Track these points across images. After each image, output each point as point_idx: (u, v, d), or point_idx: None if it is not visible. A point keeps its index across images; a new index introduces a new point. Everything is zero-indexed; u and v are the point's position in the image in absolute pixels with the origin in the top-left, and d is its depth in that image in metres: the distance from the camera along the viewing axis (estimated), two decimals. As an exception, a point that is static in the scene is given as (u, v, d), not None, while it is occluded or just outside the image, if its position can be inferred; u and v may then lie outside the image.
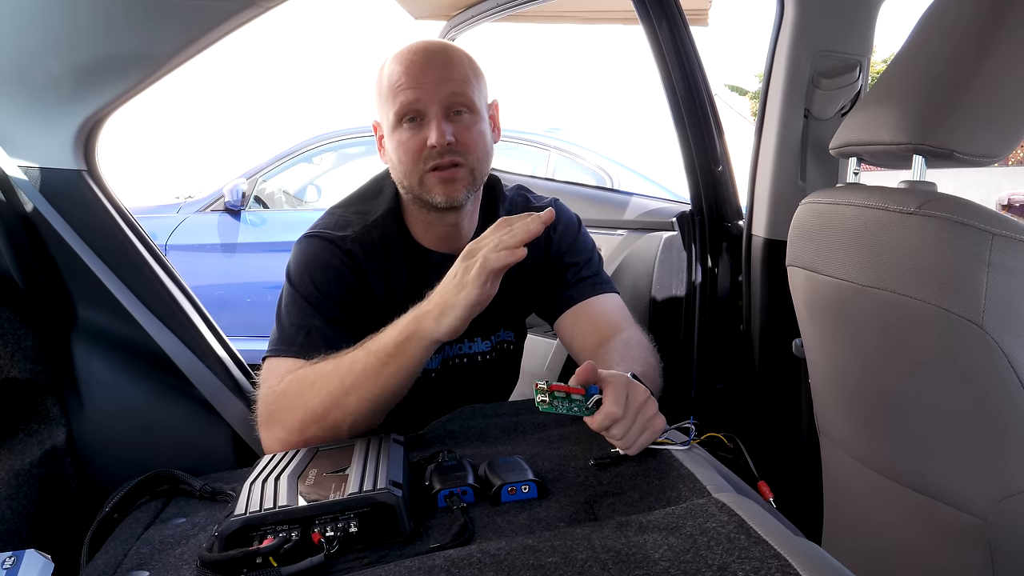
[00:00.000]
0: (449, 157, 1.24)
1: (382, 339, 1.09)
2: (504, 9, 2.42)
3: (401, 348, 1.07)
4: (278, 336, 1.25)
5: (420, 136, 1.24)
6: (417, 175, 1.26)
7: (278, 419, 1.13)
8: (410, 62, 1.25)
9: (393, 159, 1.30)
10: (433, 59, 1.26)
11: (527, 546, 0.76)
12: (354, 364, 1.09)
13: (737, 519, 0.77)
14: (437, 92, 1.23)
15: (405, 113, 1.25)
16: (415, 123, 1.25)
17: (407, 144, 1.25)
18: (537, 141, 4.65)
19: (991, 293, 0.97)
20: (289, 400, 1.13)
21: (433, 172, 1.25)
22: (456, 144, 1.24)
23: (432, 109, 1.23)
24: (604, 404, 0.95)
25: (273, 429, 1.13)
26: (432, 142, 1.23)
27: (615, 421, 0.95)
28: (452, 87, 1.24)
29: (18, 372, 1.21)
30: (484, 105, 1.32)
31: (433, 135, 1.22)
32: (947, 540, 1.16)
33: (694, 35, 1.90)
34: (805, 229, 1.31)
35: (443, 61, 1.26)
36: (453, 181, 1.26)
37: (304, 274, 1.27)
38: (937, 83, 1.06)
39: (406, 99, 1.24)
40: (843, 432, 1.36)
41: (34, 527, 1.15)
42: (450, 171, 1.25)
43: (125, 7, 1.13)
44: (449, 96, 1.24)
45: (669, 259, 2.09)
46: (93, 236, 1.33)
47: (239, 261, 4.20)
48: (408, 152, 1.26)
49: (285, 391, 1.14)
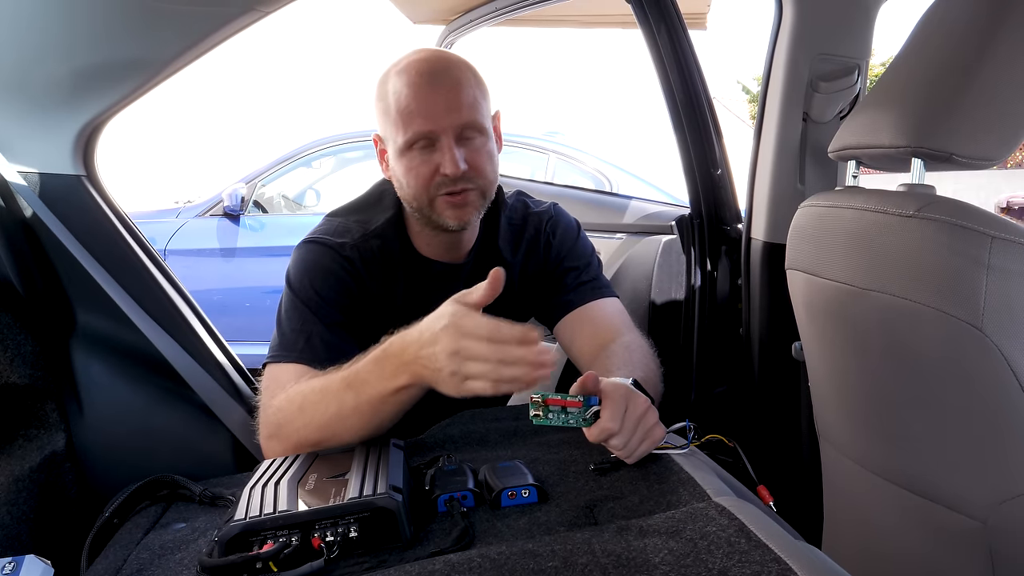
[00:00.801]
0: (462, 184, 1.23)
1: (371, 385, 1.03)
2: (502, 13, 2.42)
3: (393, 397, 1.03)
4: (278, 342, 1.24)
5: (431, 162, 1.22)
6: (427, 199, 1.25)
7: (275, 435, 1.12)
8: (418, 86, 1.21)
9: (401, 181, 1.27)
10: (442, 81, 1.21)
11: (527, 550, 0.76)
12: (343, 404, 1.05)
13: (737, 523, 0.77)
14: (449, 119, 1.20)
15: (416, 140, 1.21)
16: (425, 149, 1.22)
17: (418, 170, 1.23)
18: (536, 145, 4.66)
19: (990, 296, 0.97)
20: (284, 420, 1.11)
21: (444, 197, 1.24)
22: (469, 170, 1.23)
23: (444, 138, 1.21)
24: (601, 419, 0.95)
25: (272, 443, 1.13)
26: (446, 171, 1.20)
27: (611, 436, 0.95)
28: (465, 115, 1.21)
29: (17, 377, 1.20)
30: (491, 122, 1.29)
31: (448, 165, 1.20)
32: (947, 543, 1.15)
33: (692, 39, 1.90)
34: (804, 232, 1.31)
35: (452, 83, 1.22)
36: (464, 206, 1.25)
37: (304, 279, 1.27)
38: (936, 86, 1.06)
39: (419, 127, 1.20)
40: (843, 435, 1.36)
41: (34, 532, 1.15)
42: (462, 196, 1.24)
43: (124, 12, 1.13)
44: (461, 125, 1.21)
45: (668, 263, 2.09)
46: (92, 241, 1.33)
47: (238, 265, 4.20)
48: (419, 178, 1.23)
49: (281, 409, 1.12)
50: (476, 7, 2.49)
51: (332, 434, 1.06)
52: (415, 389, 1.02)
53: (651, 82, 1.96)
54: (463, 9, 2.55)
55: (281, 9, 1.12)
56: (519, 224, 1.45)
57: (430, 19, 2.73)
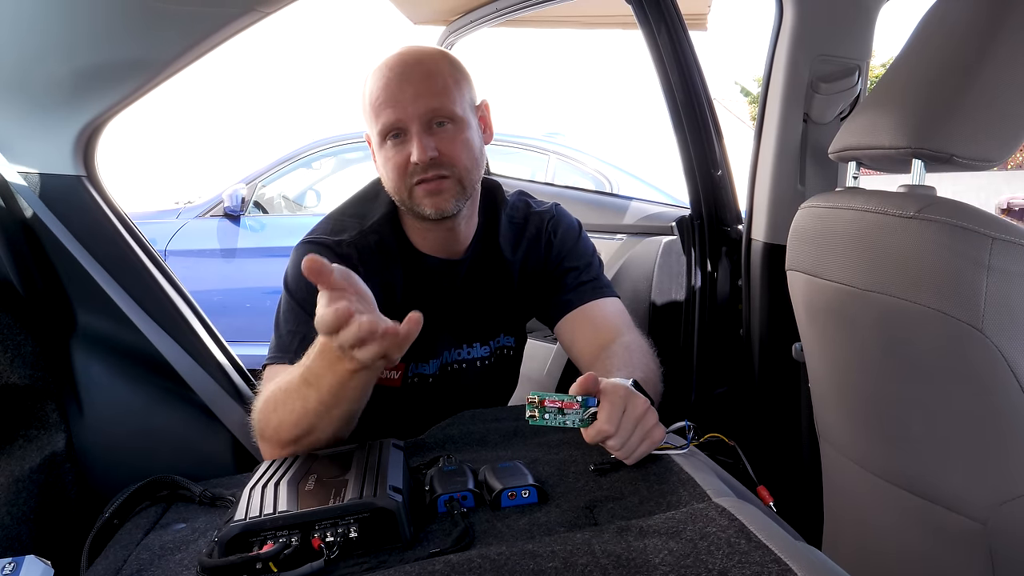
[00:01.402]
0: (433, 171, 1.25)
1: (324, 377, 1.02)
2: (503, 14, 2.42)
3: (350, 383, 1.02)
4: (275, 344, 1.25)
5: (404, 152, 1.25)
6: (405, 189, 1.27)
7: (261, 436, 1.12)
8: (387, 79, 1.25)
9: (382, 173, 1.31)
10: (410, 73, 1.25)
11: (527, 551, 0.76)
12: (307, 400, 1.04)
13: (737, 524, 0.77)
14: (416, 108, 1.23)
15: (387, 131, 1.25)
16: (398, 139, 1.25)
17: (393, 160, 1.26)
18: (536, 145, 4.66)
19: (991, 297, 0.97)
20: (264, 421, 1.11)
21: (419, 186, 1.26)
22: (441, 157, 1.24)
23: (412, 126, 1.24)
24: (598, 420, 0.95)
25: (262, 444, 1.14)
26: (414, 159, 1.23)
27: (608, 437, 0.95)
28: (430, 102, 1.23)
29: (18, 378, 1.20)
30: (470, 110, 1.31)
31: (415, 152, 1.23)
32: (947, 544, 1.15)
33: (693, 40, 1.90)
34: (804, 233, 1.31)
35: (421, 74, 1.25)
36: (440, 193, 1.26)
37: (300, 281, 1.26)
38: (936, 87, 1.06)
39: (387, 118, 1.24)
40: (843, 436, 1.36)
41: (34, 533, 1.15)
42: (436, 183, 1.25)
43: (124, 13, 1.13)
44: (428, 112, 1.23)
45: (669, 263, 2.09)
46: (93, 242, 1.33)
47: (238, 266, 4.20)
48: (395, 168, 1.26)
49: (260, 411, 1.12)
50: (476, 8, 2.50)
51: (308, 429, 1.06)
52: (364, 372, 0.99)
53: (652, 83, 1.96)
54: (464, 10, 2.55)
55: (281, 10, 1.13)
56: (520, 223, 1.46)
57: (430, 20, 2.73)
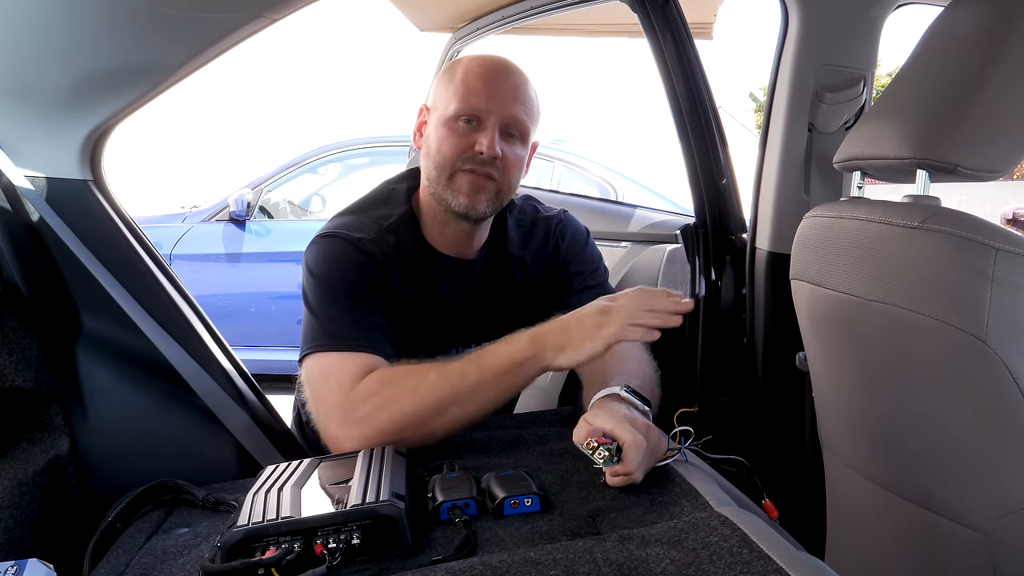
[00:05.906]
0: (488, 168, 1.28)
1: (496, 355, 1.12)
2: (509, 22, 2.43)
3: (517, 368, 1.11)
4: (321, 331, 1.23)
5: (471, 139, 1.28)
6: (450, 171, 1.29)
7: (366, 419, 1.11)
8: (491, 72, 1.30)
9: (432, 147, 1.32)
10: (511, 80, 1.31)
11: (529, 559, 0.76)
12: (464, 377, 1.11)
13: (739, 533, 0.77)
14: (505, 109, 1.28)
15: (466, 114, 1.28)
16: (471, 125, 1.29)
17: (455, 140, 1.29)
18: (542, 153, 4.65)
19: (995, 308, 0.96)
20: (382, 401, 1.12)
21: (467, 174, 1.28)
22: (500, 160, 1.28)
23: (492, 119, 1.28)
24: (625, 466, 0.94)
25: (358, 428, 1.12)
26: (482, 149, 1.27)
27: (632, 482, 0.96)
28: (519, 110, 1.30)
29: (22, 381, 1.21)
30: (531, 140, 1.37)
31: (485, 143, 1.27)
32: (950, 555, 1.15)
33: (698, 48, 1.90)
34: (809, 243, 1.31)
35: (519, 84, 1.32)
36: (480, 190, 1.29)
37: (330, 269, 1.27)
38: (942, 97, 1.07)
39: (475, 102, 1.28)
40: (846, 446, 1.36)
41: (37, 536, 1.15)
42: (483, 179, 1.29)
43: (131, 19, 1.13)
44: (512, 118, 1.29)
45: (673, 272, 2.09)
46: (98, 246, 1.33)
47: (244, 271, 4.21)
48: (452, 147, 1.29)
49: (376, 392, 1.13)
50: (483, 15, 2.50)
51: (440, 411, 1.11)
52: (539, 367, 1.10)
53: (657, 91, 1.96)
54: (470, 17, 2.56)
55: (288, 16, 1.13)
56: (528, 226, 1.47)
57: (437, 27, 2.73)
